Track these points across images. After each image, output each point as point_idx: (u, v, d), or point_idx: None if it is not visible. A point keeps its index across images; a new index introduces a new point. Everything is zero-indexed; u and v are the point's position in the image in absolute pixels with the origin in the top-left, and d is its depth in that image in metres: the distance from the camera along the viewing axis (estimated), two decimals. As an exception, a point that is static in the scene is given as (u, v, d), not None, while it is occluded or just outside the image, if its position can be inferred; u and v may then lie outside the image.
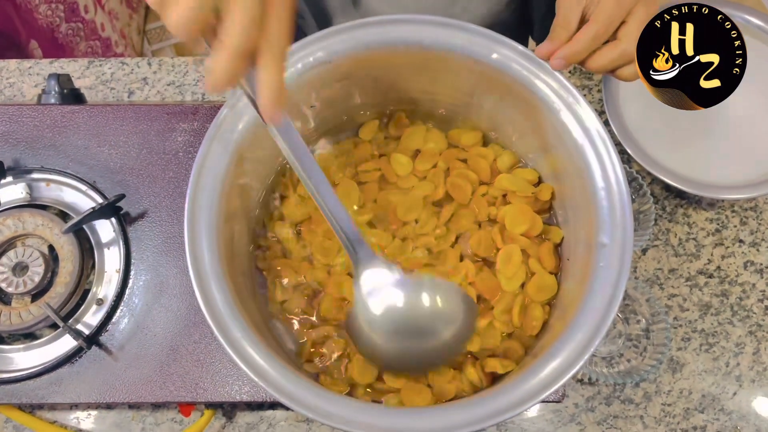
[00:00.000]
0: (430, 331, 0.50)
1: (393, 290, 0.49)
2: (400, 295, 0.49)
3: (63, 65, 0.78)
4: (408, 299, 0.49)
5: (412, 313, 0.49)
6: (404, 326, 0.49)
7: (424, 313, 0.49)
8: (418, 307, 0.49)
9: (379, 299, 0.49)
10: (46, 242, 0.63)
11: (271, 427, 0.68)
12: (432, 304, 0.49)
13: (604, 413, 0.69)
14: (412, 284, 0.49)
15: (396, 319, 0.49)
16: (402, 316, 0.49)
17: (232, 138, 0.50)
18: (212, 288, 0.47)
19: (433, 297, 0.49)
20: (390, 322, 0.49)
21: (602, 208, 0.48)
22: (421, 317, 0.49)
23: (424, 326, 0.49)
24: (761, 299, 0.71)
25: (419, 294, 0.49)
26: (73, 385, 0.60)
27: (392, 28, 0.51)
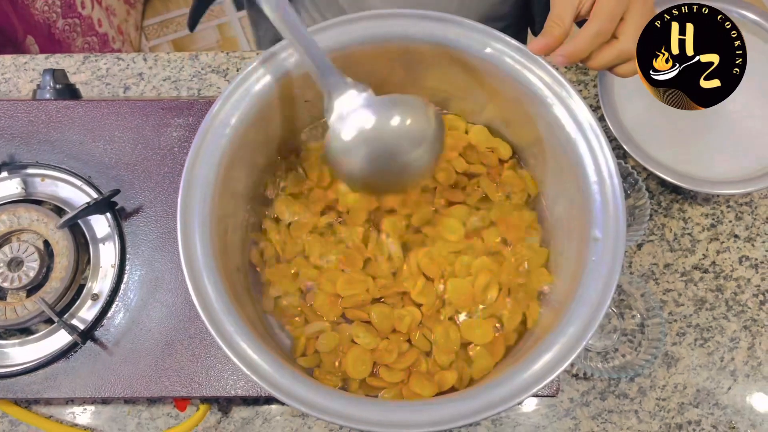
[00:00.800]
0: (402, 148, 0.49)
1: (363, 112, 0.48)
2: (370, 117, 0.48)
3: (58, 60, 0.78)
4: (377, 119, 0.48)
5: (382, 133, 0.48)
6: (376, 147, 0.48)
7: (394, 132, 0.48)
8: (388, 126, 0.48)
9: (350, 124, 0.48)
10: (41, 237, 0.63)
11: (267, 422, 0.68)
12: (401, 122, 0.48)
13: (599, 408, 0.69)
14: (380, 103, 0.48)
15: (368, 140, 0.48)
16: (373, 137, 0.48)
17: (225, 133, 0.50)
18: (206, 283, 0.47)
19: (401, 114, 0.48)
20: (362, 144, 0.48)
21: (595, 202, 0.48)
22: (391, 136, 0.48)
23: (395, 144, 0.49)
24: (756, 294, 0.71)
25: (388, 113, 0.48)
26: (68, 380, 0.60)
27: (385, 22, 0.51)
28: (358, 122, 0.48)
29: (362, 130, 0.48)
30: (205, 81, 0.77)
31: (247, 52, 0.79)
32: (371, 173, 0.50)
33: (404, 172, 0.50)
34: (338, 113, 0.48)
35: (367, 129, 0.48)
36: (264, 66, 0.51)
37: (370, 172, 0.49)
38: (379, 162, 0.49)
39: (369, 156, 0.48)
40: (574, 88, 0.50)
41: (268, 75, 0.51)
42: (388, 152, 0.49)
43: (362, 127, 0.48)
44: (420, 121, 0.49)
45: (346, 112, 0.48)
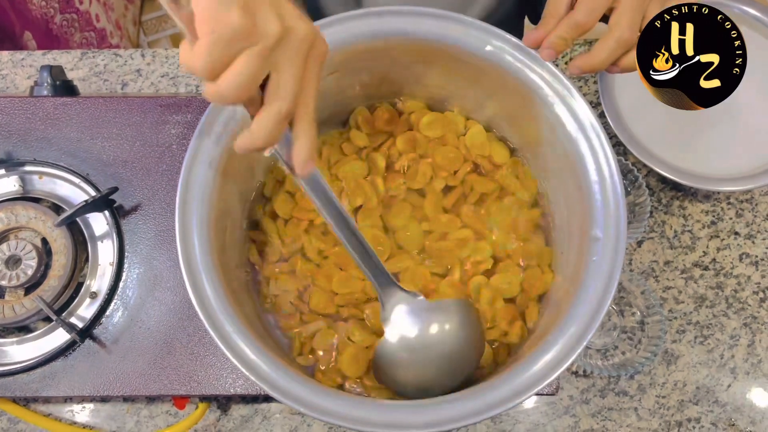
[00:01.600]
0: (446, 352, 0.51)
1: (410, 319, 0.51)
2: (415, 326, 0.51)
3: (56, 57, 0.77)
4: (422, 326, 0.51)
5: (427, 340, 0.51)
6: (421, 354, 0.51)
7: (438, 337, 0.51)
8: (431, 332, 0.51)
9: (397, 330, 0.51)
10: (39, 235, 0.63)
11: (266, 420, 0.68)
12: (441, 327, 0.52)
13: (599, 405, 0.69)
14: (425, 311, 0.51)
15: (412, 348, 0.51)
16: (417, 343, 0.51)
17: (224, 131, 0.49)
18: (204, 282, 0.47)
19: (441, 321, 0.52)
20: (407, 352, 0.51)
21: (596, 201, 0.48)
22: (435, 341, 0.51)
23: (439, 348, 0.51)
24: (756, 291, 0.71)
25: (430, 320, 0.51)
26: (66, 379, 0.60)
27: (385, 19, 0.51)
28: (404, 331, 0.51)
29: (406, 339, 0.51)
30: (203, 77, 0.76)
31: (245, 48, 0.78)
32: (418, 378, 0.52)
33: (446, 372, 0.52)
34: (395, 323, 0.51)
35: (411, 338, 0.51)
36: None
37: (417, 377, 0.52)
38: (425, 365, 0.51)
39: (415, 362, 0.51)
40: (575, 86, 0.49)
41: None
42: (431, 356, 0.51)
43: (407, 336, 0.51)
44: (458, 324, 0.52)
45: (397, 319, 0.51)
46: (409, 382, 0.52)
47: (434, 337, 0.51)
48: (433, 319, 0.51)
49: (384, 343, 0.51)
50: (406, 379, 0.52)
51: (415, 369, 0.51)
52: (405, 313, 0.51)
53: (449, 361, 0.51)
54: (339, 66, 0.53)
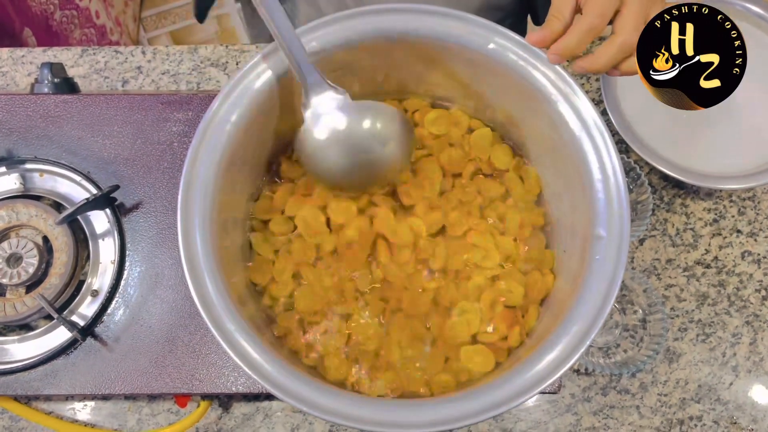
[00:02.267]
0: (371, 150, 0.53)
1: (337, 114, 0.51)
2: (343, 119, 0.51)
3: (56, 54, 0.77)
4: (349, 121, 0.51)
5: (354, 135, 0.52)
6: (348, 146, 0.52)
7: (365, 134, 0.52)
8: (360, 129, 0.52)
9: (323, 124, 0.51)
10: (41, 233, 0.62)
11: (267, 418, 0.68)
12: (372, 125, 0.52)
13: (601, 403, 0.69)
14: (354, 108, 0.51)
15: (340, 140, 0.52)
16: (345, 138, 0.52)
17: (225, 130, 0.49)
18: (206, 281, 0.47)
19: (373, 119, 0.52)
20: (334, 143, 0.52)
21: (599, 200, 0.48)
22: (362, 138, 0.52)
23: (365, 146, 0.52)
24: (758, 289, 0.71)
25: (360, 116, 0.52)
26: (68, 377, 0.59)
27: (387, 17, 0.51)
28: (332, 123, 0.51)
29: (335, 131, 0.51)
30: (204, 75, 0.76)
31: (246, 45, 0.78)
32: (342, 170, 0.53)
33: (374, 170, 0.54)
34: (314, 111, 0.51)
35: (339, 130, 0.51)
36: (264, 62, 0.50)
37: (341, 170, 0.53)
38: (350, 160, 0.53)
39: (340, 154, 0.52)
40: (578, 85, 0.49)
41: (269, 71, 0.50)
42: (359, 151, 0.52)
43: (335, 128, 0.51)
44: (389, 124, 0.53)
45: (321, 112, 0.51)
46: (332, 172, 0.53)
47: (361, 133, 0.52)
48: (360, 116, 0.51)
49: (307, 130, 0.51)
50: (323, 168, 0.53)
51: (337, 161, 0.52)
52: (331, 105, 0.51)
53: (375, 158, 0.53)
54: (341, 65, 0.53)
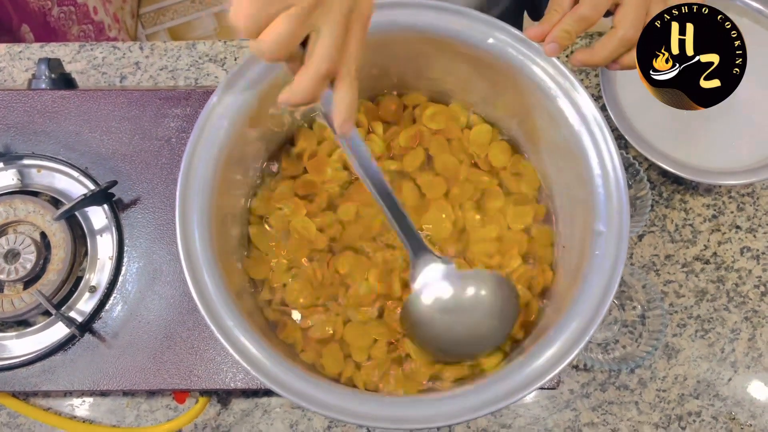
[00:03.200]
0: (476, 317, 0.52)
1: (443, 283, 0.51)
2: (449, 288, 0.52)
3: (54, 49, 0.77)
4: (456, 290, 0.52)
5: (460, 303, 0.52)
6: (452, 314, 0.52)
7: (470, 302, 0.52)
8: (465, 296, 0.52)
9: (430, 292, 0.52)
10: (38, 229, 0.62)
11: (266, 414, 0.68)
12: (477, 292, 0.52)
13: (600, 399, 0.69)
14: (461, 277, 0.52)
15: (445, 308, 0.52)
16: (450, 305, 0.52)
17: (223, 125, 0.49)
18: (204, 276, 0.47)
19: (478, 287, 0.52)
20: (439, 311, 0.52)
21: (599, 195, 0.47)
22: (467, 306, 0.52)
23: (470, 313, 0.52)
24: (757, 285, 0.71)
25: (466, 284, 0.52)
26: (66, 373, 0.59)
27: (387, 12, 0.51)
28: (437, 293, 0.52)
29: (440, 299, 0.52)
30: (202, 70, 0.76)
31: (245, 41, 0.78)
32: (447, 339, 0.52)
33: (475, 338, 0.53)
34: (423, 282, 0.52)
35: (445, 299, 0.52)
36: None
37: (447, 338, 0.52)
38: (456, 329, 0.52)
39: (445, 323, 0.52)
40: (578, 80, 0.49)
41: (267, 66, 0.50)
42: (463, 318, 0.52)
43: (441, 297, 0.52)
44: (493, 293, 0.52)
45: (427, 283, 0.52)
46: (436, 341, 0.53)
47: (466, 301, 0.52)
48: (465, 285, 0.52)
49: (412, 299, 0.52)
50: (433, 337, 0.53)
51: (441, 329, 0.52)
52: (436, 276, 0.51)
53: (479, 326, 0.52)
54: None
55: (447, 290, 0.51)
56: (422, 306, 0.52)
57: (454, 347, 0.53)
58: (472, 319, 0.52)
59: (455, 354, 0.54)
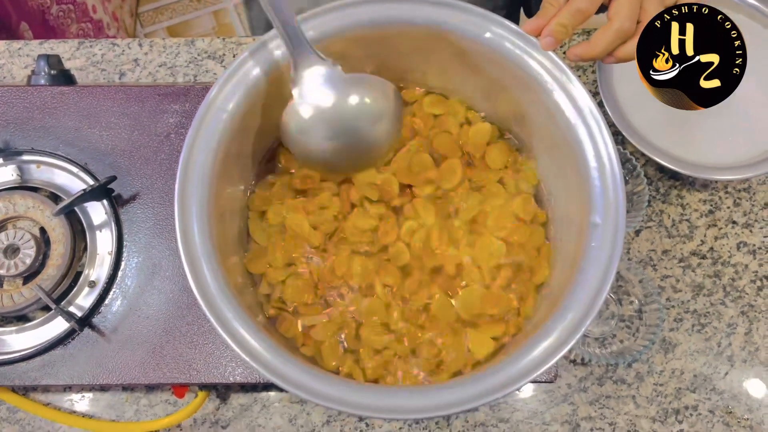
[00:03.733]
0: (359, 129, 0.51)
1: (324, 89, 0.49)
2: (330, 95, 0.49)
3: (53, 46, 0.77)
4: (337, 98, 0.49)
5: (341, 112, 0.50)
6: (334, 126, 0.50)
7: (353, 111, 0.50)
8: (347, 105, 0.50)
9: (310, 101, 0.49)
10: (38, 224, 0.63)
11: (265, 408, 0.68)
12: (360, 101, 0.50)
13: (597, 393, 0.69)
14: (343, 81, 0.49)
15: (326, 119, 0.50)
16: (331, 116, 0.50)
17: (222, 119, 0.49)
18: (204, 270, 0.47)
19: (362, 94, 0.50)
20: (320, 123, 0.50)
21: (595, 188, 0.48)
22: (350, 115, 0.50)
23: (353, 125, 0.51)
24: (753, 280, 0.72)
25: (347, 91, 0.50)
26: (66, 367, 0.60)
27: (385, 6, 0.51)
28: (318, 99, 0.49)
29: (320, 109, 0.49)
30: (201, 67, 0.76)
31: (243, 38, 0.78)
32: (328, 151, 0.51)
33: (363, 150, 0.52)
34: (302, 88, 0.49)
35: (325, 107, 0.49)
36: (261, 51, 0.50)
37: (327, 151, 0.51)
38: (337, 140, 0.50)
39: (326, 134, 0.50)
40: (575, 74, 0.49)
41: (265, 60, 0.50)
42: (346, 129, 0.50)
43: (321, 105, 0.49)
44: (379, 99, 0.50)
45: (309, 88, 0.49)
46: (319, 153, 0.51)
47: (351, 109, 0.50)
48: (350, 91, 0.49)
49: (293, 108, 0.49)
50: (316, 148, 0.51)
51: (325, 140, 0.50)
52: (319, 80, 0.49)
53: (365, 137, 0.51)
54: (337, 54, 0.53)
55: (328, 98, 0.49)
56: (301, 117, 0.49)
57: (337, 160, 0.52)
58: (356, 130, 0.50)
59: (339, 167, 0.53)
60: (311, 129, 0.50)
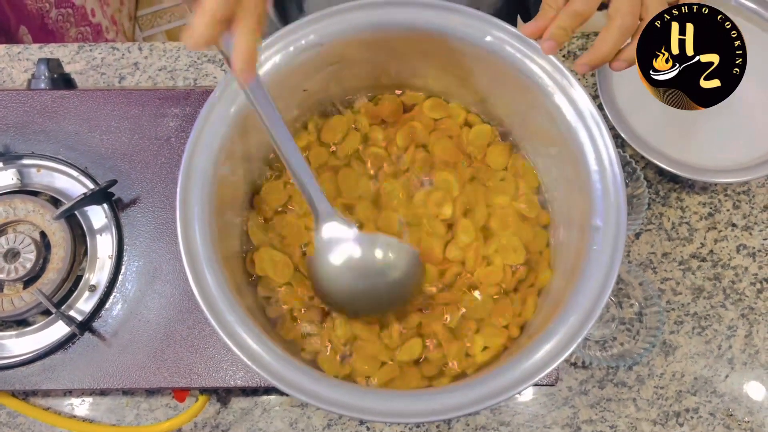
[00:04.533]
0: (382, 280, 0.53)
1: (350, 244, 0.52)
2: (356, 248, 0.52)
3: (53, 50, 0.77)
4: (364, 252, 0.52)
5: (367, 264, 0.52)
6: (359, 275, 0.52)
7: (378, 265, 0.53)
8: (373, 258, 0.52)
9: (337, 251, 0.52)
10: (38, 228, 0.62)
11: (266, 412, 0.68)
12: (384, 257, 0.53)
13: (598, 396, 0.69)
14: (367, 239, 0.52)
15: (352, 267, 0.52)
16: (358, 265, 0.52)
17: (223, 122, 0.49)
18: (205, 273, 0.47)
19: (385, 251, 0.53)
20: (346, 271, 0.52)
21: (596, 190, 0.48)
22: (374, 268, 0.53)
23: (377, 276, 0.53)
24: (753, 282, 0.72)
25: (374, 248, 0.52)
26: (66, 372, 0.59)
27: (385, 10, 0.51)
28: (346, 250, 0.52)
29: (348, 258, 0.52)
30: (201, 71, 0.77)
31: (243, 42, 0.78)
32: (355, 296, 0.53)
33: (381, 298, 0.54)
34: (325, 238, 0.51)
35: (354, 257, 0.52)
36: (262, 55, 0.50)
37: (355, 295, 0.53)
38: (364, 285, 0.53)
39: (354, 280, 0.52)
40: (575, 77, 0.50)
41: (267, 64, 0.51)
42: (369, 280, 0.53)
43: (349, 256, 0.52)
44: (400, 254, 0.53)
45: (333, 238, 0.51)
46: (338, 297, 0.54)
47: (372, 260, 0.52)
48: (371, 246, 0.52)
49: (316, 256, 0.52)
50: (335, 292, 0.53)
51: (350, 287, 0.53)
52: (341, 235, 0.51)
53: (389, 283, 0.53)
54: (338, 58, 0.53)
55: (355, 251, 0.52)
56: (331, 264, 0.52)
57: (360, 304, 0.54)
58: (382, 277, 0.53)
59: (359, 310, 0.55)
60: (339, 276, 0.52)
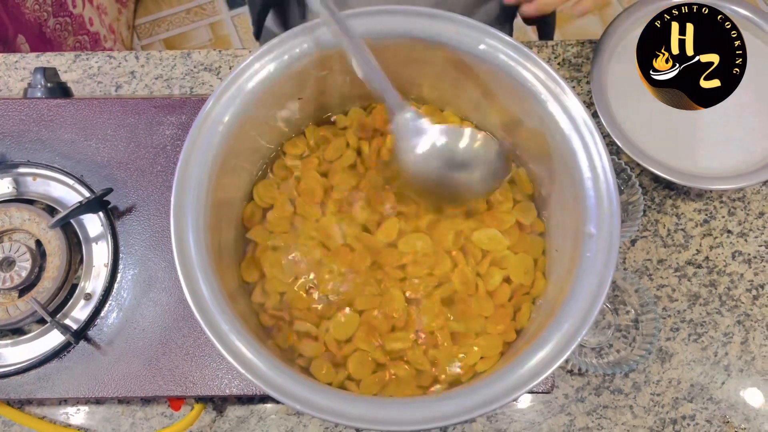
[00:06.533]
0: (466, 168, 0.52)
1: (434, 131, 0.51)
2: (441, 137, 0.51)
3: (49, 59, 0.77)
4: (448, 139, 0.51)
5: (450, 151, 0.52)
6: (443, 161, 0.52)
7: (461, 152, 0.52)
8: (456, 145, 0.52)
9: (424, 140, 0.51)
10: (33, 237, 0.62)
11: (262, 421, 0.68)
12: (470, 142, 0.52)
13: (594, 403, 0.69)
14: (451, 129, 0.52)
15: (435, 154, 0.51)
16: (441, 151, 0.51)
17: (218, 130, 0.50)
18: (200, 281, 0.47)
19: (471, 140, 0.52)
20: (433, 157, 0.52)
21: (589, 198, 0.48)
22: (457, 154, 0.52)
23: (460, 163, 0.52)
24: (749, 289, 0.72)
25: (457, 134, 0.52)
26: (61, 380, 0.59)
27: (379, 19, 0.51)
28: (430, 139, 0.51)
29: (434, 147, 0.51)
30: (197, 79, 0.77)
31: (239, 50, 0.78)
32: (434, 184, 0.53)
33: (462, 186, 0.54)
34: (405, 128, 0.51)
35: (438, 146, 0.51)
36: (257, 63, 0.51)
37: (434, 183, 0.53)
38: (444, 176, 0.52)
39: (433, 166, 0.52)
40: (568, 85, 0.50)
41: (261, 72, 0.51)
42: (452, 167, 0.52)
43: (434, 144, 0.51)
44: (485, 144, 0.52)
45: (415, 129, 0.51)
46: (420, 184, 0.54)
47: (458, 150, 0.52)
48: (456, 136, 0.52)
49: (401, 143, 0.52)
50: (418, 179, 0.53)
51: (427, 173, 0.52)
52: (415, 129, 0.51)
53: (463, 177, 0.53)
54: (331, 65, 0.53)
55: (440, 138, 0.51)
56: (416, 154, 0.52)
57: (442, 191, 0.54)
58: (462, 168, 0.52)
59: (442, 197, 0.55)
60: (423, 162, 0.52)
